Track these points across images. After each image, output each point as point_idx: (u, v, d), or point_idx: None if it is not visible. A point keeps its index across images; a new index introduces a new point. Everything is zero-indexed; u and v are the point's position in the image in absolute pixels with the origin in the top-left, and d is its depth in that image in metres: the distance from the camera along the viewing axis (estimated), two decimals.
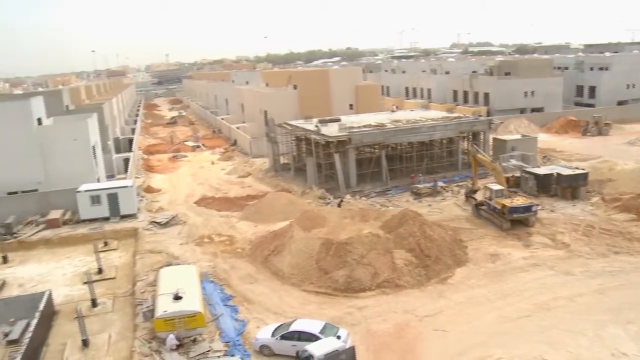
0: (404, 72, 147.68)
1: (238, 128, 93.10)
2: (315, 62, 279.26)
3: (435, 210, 49.39)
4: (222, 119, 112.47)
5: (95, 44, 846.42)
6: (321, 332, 27.55)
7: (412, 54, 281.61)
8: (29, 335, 29.32)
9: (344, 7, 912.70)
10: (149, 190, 63.35)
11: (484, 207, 46.24)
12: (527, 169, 53.65)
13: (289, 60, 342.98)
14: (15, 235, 49.15)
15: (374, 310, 32.00)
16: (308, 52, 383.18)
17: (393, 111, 75.19)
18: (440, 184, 55.34)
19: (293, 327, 28.27)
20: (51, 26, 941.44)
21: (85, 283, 37.15)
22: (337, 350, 24.67)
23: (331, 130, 58.87)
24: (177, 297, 30.67)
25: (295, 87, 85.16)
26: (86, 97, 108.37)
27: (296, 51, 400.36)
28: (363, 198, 53.01)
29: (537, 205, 45.16)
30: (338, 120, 65.66)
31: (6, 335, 31.11)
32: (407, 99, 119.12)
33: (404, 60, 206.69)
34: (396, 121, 63.86)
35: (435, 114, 71.71)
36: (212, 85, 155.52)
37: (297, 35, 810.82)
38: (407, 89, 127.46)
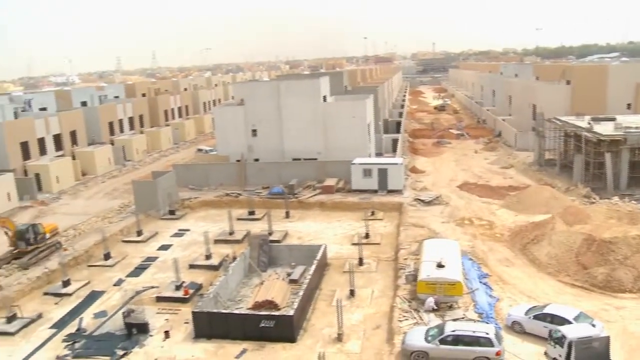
0: None
1: (504, 120, 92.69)
2: (589, 57, 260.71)
3: None
4: (488, 109, 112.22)
5: (367, 31, 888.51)
6: (575, 319, 27.81)
7: None
8: (307, 278, 34.47)
9: None
10: (414, 170, 67.12)
11: None
12: None
13: (559, 54, 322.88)
14: (296, 195, 56.57)
15: (632, 312, 31.31)
16: (582, 46, 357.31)
17: None
18: None
19: (547, 310, 29.03)
20: (329, 14, 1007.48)
21: (353, 244, 42.35)
22: (591, 336, 24.72)
23: (605, 129, 56.75)
24: (440, 265, 33.34)
25: (568, 82, 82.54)
26: (360, 80, 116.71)
27: (568, 45, 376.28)
28: (633, 202, 50.75)
29: None
30: (613, 119, 62.76)
31: (288, 275, 37.35)
32: None
33: None
34: None
35: None
36: (479, 75, 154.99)
37: (570, 28, 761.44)
38: None
